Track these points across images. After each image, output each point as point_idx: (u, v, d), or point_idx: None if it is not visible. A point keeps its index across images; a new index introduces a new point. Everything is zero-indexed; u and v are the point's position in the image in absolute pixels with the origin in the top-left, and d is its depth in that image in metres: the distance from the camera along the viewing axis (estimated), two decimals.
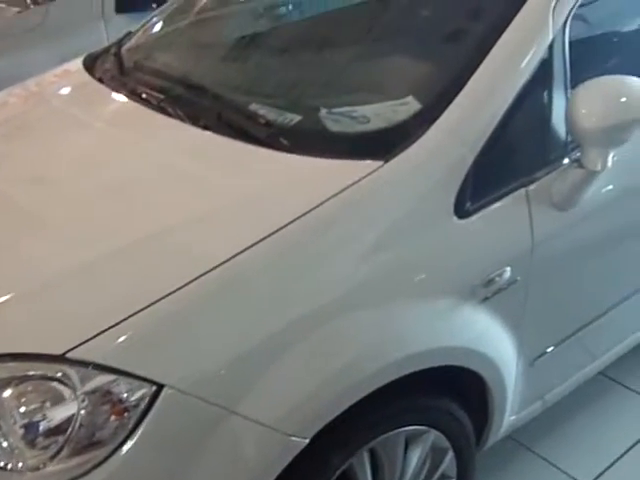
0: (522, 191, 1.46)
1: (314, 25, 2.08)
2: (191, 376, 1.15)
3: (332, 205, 1.30)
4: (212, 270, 1.21)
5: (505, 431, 1.75)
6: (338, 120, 1.49)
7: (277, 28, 2.13)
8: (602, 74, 1.44)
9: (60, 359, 1.12)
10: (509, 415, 1.69)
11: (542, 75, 1.47)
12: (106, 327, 1.13)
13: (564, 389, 1.88)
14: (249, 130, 1.50)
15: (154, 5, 3.04)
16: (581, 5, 1.52)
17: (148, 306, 1.16)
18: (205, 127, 1.57)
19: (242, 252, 1.23)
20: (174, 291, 1.18)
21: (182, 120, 1.62)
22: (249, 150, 1.47)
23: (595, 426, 2.10)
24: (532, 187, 1.47)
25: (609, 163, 1.44)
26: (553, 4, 1.47)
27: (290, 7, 2.24)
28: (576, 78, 1.48)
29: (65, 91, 2.12)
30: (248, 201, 1.36)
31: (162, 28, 2.23)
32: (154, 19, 2.27)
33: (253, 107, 1.59)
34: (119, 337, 1.14)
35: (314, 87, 1.68)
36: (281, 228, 1.26)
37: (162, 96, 1.72)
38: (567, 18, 1.49)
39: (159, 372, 1.13)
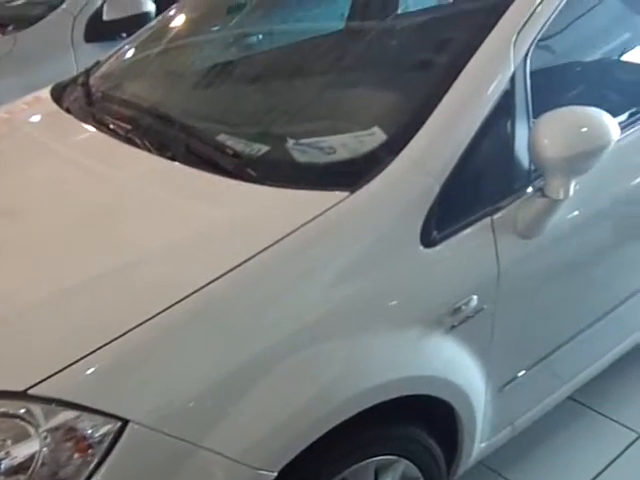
0: (487, 220, 1.48)
1: (282, 55, 2.10)
2: (157, 410, 1.14)
3: (299, 236, 1.30)
4: (179, 302, 1.20)
5: (475, 458, 1.76)
6: (305, 151, 1.50)
7: (245, 58, 2.15)
8: (564, 104, 1.47)
9: (23, 396, 1.10)
10: (479, 442, 1.70)
11: (505, 105, 1.50)
12: (71, 362, 1.12)
13: (534, 414, 1.89)
14: (217, 161, 1.51)
15: (123, 34, 3.06)
16: (541, 39, 1.55)
17: (114, 339, 1.15)
18: (173, 158, 1.57)
19: (210, 283, 1.23)
20: (140, 324, 1.17)
21: (150, 151, 1.62)
22: (217, 181, 1.47)
23: (565, 450, 2.11)
24: (497, 216, 1.49)
25: (571, 192, 1.47)
26: (514, 38, 1.51)
27: (258, 38, 2.26)
28: (538, 108, 1.51)
29: (33, 121, 2.11)
30: (216, 232, 1.36)
31: (130, 58, 2.24)
32: (123, 48, 2.28)
33: (221, 138, 1.59)
34: (83, 372, 1.12)
35: (281, 117, 1.70)
36: (249, 259, 1.26)
37: (130, 127, 1.72)
38: (528, 51, 1.52)
39: (124, 407, 1.12)
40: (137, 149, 1.64)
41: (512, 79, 1.50)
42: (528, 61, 1.53)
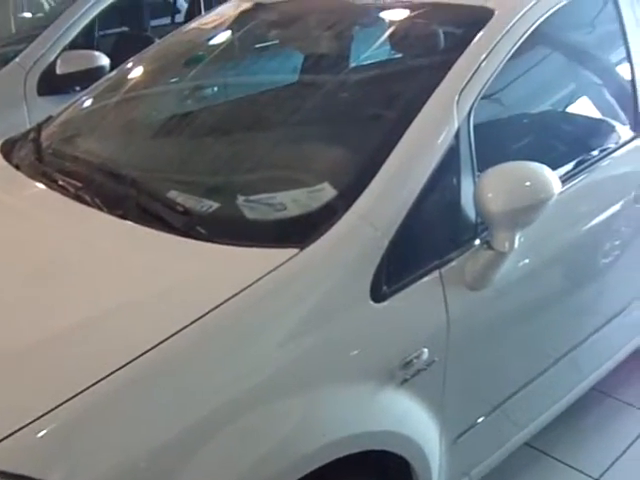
0: (436, 273, 1.50)
1: (233, 110, 2.12)
2: (108, 473, 1.12)
3: (251, 293, 1.30)
4: (130, 363, 1.18)
5: None
6: (255, 207, 1.51)
7: (197, 113, 2.15)
8: (508, 158, 1.52)
9: None
10: None
11: (451, 160, 1.54)
12: (13, 430, 1.09)
13: (490, 463, 1.90)
14: (167, 219, 1.51)
15: (77, 88, 3.06)
16: (484, 96, 1.61)
17: (57, 406, 1.12)
18: (124, 216, 1.56)
19: (160, 343, 1.21)
20: (86, 388, 1.15)
21: (101, 209, 1.61)
22: (168, 239, 1.47)
23: None
24: (446, 268, 1.51)
25: (516, 244, 1.50)
26: (457, 97, 1.56)
27: (211, 91, 2.28)
28: (483, 162, 1.56)
29: None
30: (167, 291, 1.35)
31: (83, 112, 2.24)
32: (76, 103, 2.28)
33: (172, 194, 1.60)
34: (29, 439, 1.09)
35: (233, 173, 1.71)
36: (200, 317, 1.26)
37: (80, 184, 1.71)
38: (471, 108, 1.58)
39: (64, 475, 1.09)
40: (87, 207, 1.63)
41: (457, 135, 1.55)
42: (472, 117, 1.58)
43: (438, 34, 1.83)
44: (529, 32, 1.75)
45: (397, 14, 2.01)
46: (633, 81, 2.04)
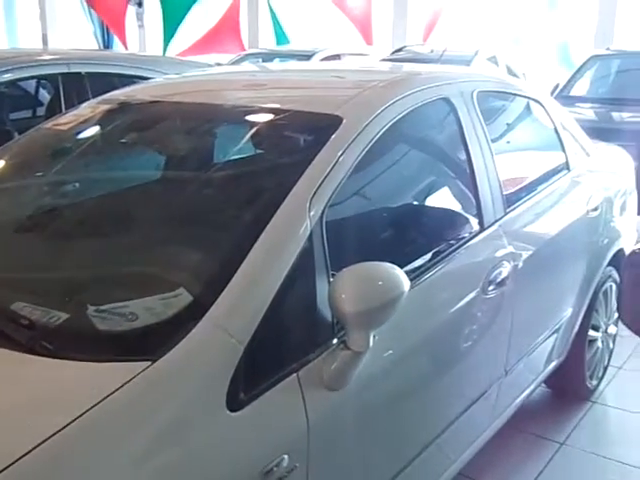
0: (294, 376, 1.50)
1: (86, 211, 2.03)
2: None
3: (97, 413, 1.25)
4: None
5: None
6: (106, 318, 1.46)
7: (45, 215, 2.05)
8: (362, 258, 1.56)
9: None
10: None
11: (305, 263, 1.57)
12: None
13: None
14: (9, 334, 1.43)
15: None
16: (335, 201, 1.66)
17: None
18: None
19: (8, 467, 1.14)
20: None
21: None
22: (10, 356, 1.38)
23: None
24: (303, 371, 1.52)
25: (371, 343, 1.53)
26: (308, 202, 1.61)
27: (62, 192, 2.20)
28: (337, 263, 1.59)
29: None
30: (7, 414, 1.27)
31: None
32: None
33: (16, 306, 1.52)
34: None
35: (83, 280, 1.65)
36: (43, 442, 1.19)
37: None
38: (323, 211, 1.63)
39: None
40: None
41: (310, 237, 1.58)
42: (324, 219, 1.63)
43: (292, 140, 1.90)
44: (376, 138, 1.85)
45: (255, 119, 2.07)
46: (474, 180, 2.19)
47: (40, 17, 14.91)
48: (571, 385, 3.08)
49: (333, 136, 1.78)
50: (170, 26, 12.94)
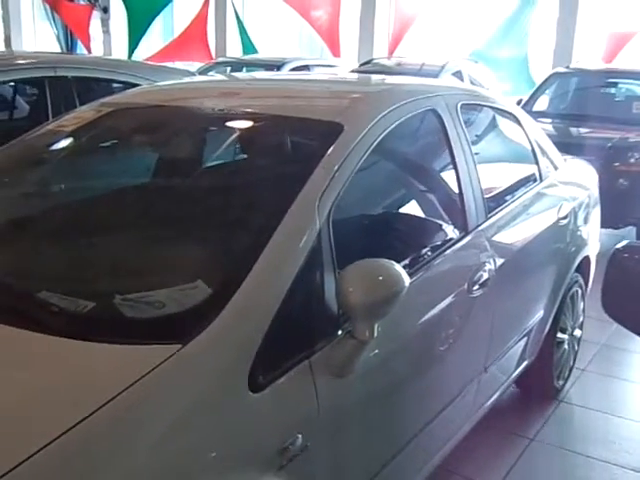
0: (306, 362, 1.62)
1: (108, 208, 2.13)
2: None
3: (132, 392, 1.34)
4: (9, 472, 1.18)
5: None
6: (133, 306, 1.57)
7: (67, 210, 2.16)
8: (365, 255, 1.69)
9: None
10: None
11: (314, 259, 1.69)
12: None
13: None
14: (42, 320, 1.52)
15: None
16: (340, 202, 1.79)
17: None
18: None
19: (41, 449, 1.22)
20: None
21: None
22: (44, 340, 1.47)
23: None
24: (314, 358, 1.64)
25: (375, 333, 1.66)
26: (317, 202, 1.73)
27: (81, 192, 2.29)
28: (343, 260, 1.72)
29: None
30: (45, 395, 1.36)
31: None
32: None
33: (45, 295, 1.61)
34: None
35: (109, 273, 1.75)
36: (81, 421, 1.28)
37: None
38: (330, 212, 1.76)
39: None
40: None
41: (318, 236, 1.71)
42: (331, 220, 1.75)
43: (298, 145, 2.03)
44: (374, 144, 1.99)
45: (267, 125, 2.19)
46: (460, 186, 2.34)
47: (3, 18, 14.75)
48: (540, 385, 3.25)
49: (336, 142, 1.91)
50: (135, 32, 12.92)
